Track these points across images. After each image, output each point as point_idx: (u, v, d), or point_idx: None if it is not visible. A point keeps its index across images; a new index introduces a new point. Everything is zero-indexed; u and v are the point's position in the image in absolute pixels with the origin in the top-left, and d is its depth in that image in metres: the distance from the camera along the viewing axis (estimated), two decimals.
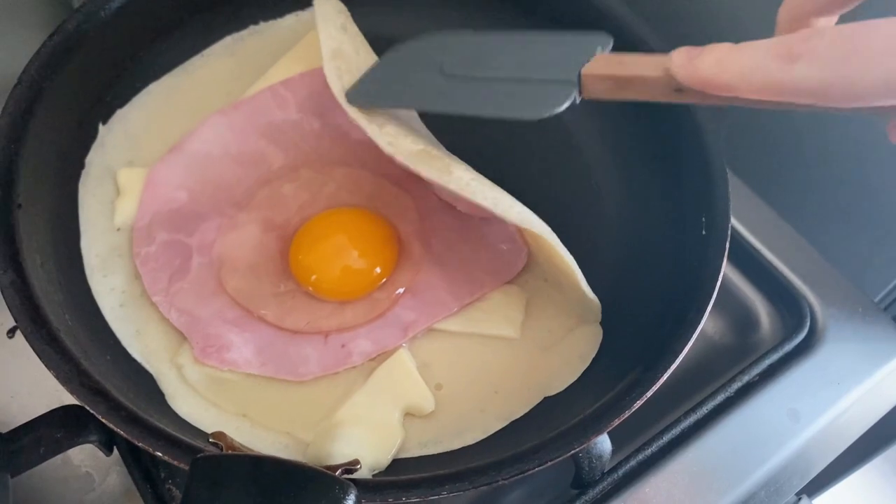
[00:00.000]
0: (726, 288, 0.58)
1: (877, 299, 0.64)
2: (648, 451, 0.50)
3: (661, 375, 0.40)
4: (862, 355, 0.56)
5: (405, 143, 0.44)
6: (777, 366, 0.54)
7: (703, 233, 0.45)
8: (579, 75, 0.37)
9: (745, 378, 0.53)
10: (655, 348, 0.42)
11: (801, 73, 0.26)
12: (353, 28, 0.53)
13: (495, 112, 0.41)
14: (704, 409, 0.52)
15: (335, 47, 0.49)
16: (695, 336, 0.41)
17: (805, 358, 0.55)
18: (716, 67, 0.29)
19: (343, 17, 0.52)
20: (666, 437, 0.51)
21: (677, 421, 0.51)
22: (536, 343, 0.47)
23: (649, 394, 0.39)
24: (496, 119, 0.40)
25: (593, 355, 0.46)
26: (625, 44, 0.39)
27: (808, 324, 0.56)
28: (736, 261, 0.59)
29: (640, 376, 0.41)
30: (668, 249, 0.47)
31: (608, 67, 0.37)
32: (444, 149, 0.49)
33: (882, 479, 0.66)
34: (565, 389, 0.46)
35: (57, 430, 0.41)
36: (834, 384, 0.55)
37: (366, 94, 0.46)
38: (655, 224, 0.49)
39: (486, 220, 0.50)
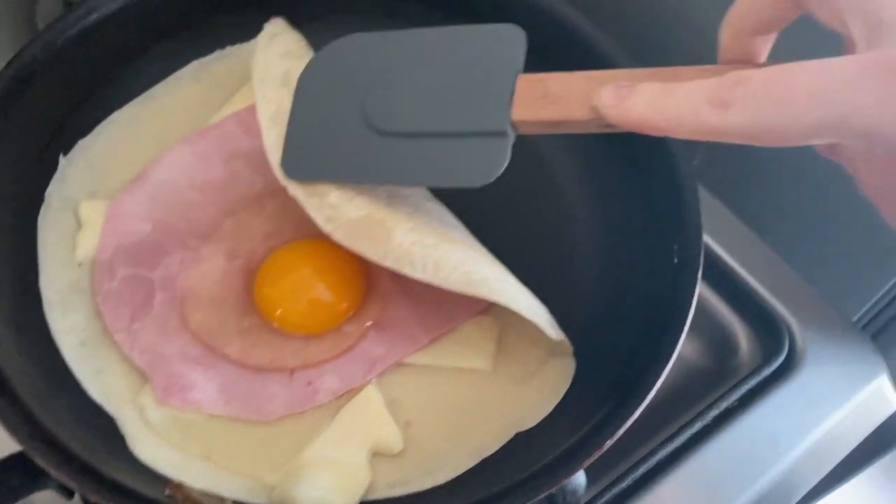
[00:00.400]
0: (704, 310, 0.57)
1: (855, 318, 0.64)
2: (624, 484, 0.49)
3: (634, 412, 0.39)
4: (842, 377, 0.55)
5: (347, 211, 0.42)
6: (756, 390, 0.54)
7: (675, 261, 0.44)
8: (510, 117, 0.36)
9: (724, 404, 0.52)
10: (628, 381, 0.41)
11: (733, 120, 0.26)
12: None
13: (431, 183, 0.39)
14: (682, 438, 0.51)
15: (272, 112, 0.45)
16: (667, 369, 0.40)
17: (784, 382, 0.54)
18: (647, 109, 0.29)
19: (290, 60, 0.48)
20: (642, 468, 0.50)
21: (654, 451, 0.50)
22: (509, 376, 0.46)
23: (621, 432, 0.39)
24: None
25: (566, 388, 0.45)
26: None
27: (786, 346, 0.55)
28: (713, 282, 0.58)
29: (612, 412, 0.40)
30: (641, 278, 0.46)
31: (535, 111, 0.35)
32: (400, 197, 0.45)
33: (875, 489, 0.65)
34: (538, 423, 0.44)
35: (15, 476, 0.39)
36: (814, 407, 0.54)
37: (298, 164, 0.43)
38: (628, 251, 0.48)
39: None
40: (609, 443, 0.38)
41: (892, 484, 0.65)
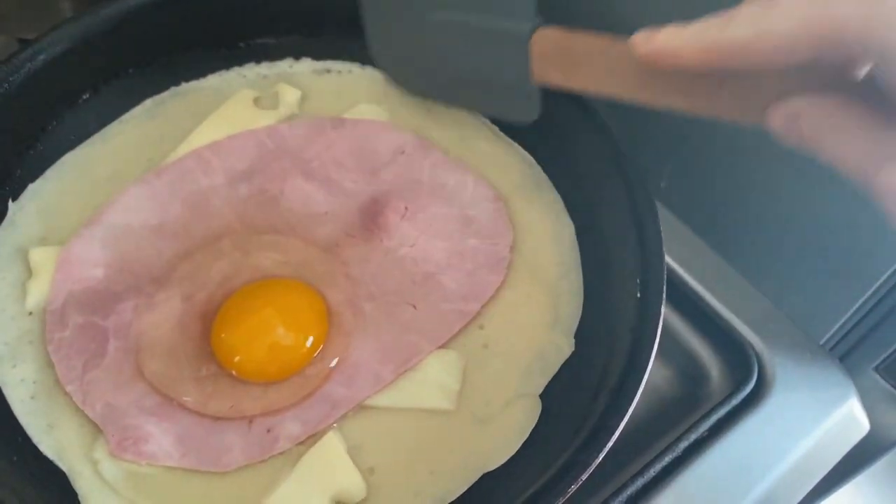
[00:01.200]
0: (673, 337, 0.57)
1: (822, 341, 0.64)
2: None
3: (596, 457, 0.38)
4: (812, 402, 0.55)
5: None
6: (726, 419, 0.53)
7: (638, 296, 0.44)
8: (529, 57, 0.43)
9: (694, 435, 0.51)
10: (592, 423, 0.40)
11: (733, 32, 0.30)
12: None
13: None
14: (653, 471, 0.50)
15: None
16: (630, 409, 0.39)
17: (755, 409, 0.53)
18: (668, 35, 0.33)
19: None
20: None
21: (625, 485, 0.49)
22: (473, 415, 0.45)
23: (584, 476, 0.38)
24: None
25: (531, 428, 0.44)
26: None
27: (756, 373, 0.54)
28: (680, 308, 0.57)
29: (576, 454, 0.39)
30: (604, 314, 0.46)
31: (563, 79, 0.42)
32: None
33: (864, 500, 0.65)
34: (503, 465, 0.44)
35: None
36: (786, 434, 0.53)
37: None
38: (591, 285, 0.48)
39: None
40: (573, 488, 0.37)
41: (868, 501, 0.66)
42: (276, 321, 0.46)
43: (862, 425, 0.55)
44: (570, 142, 0.50)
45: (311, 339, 0.46)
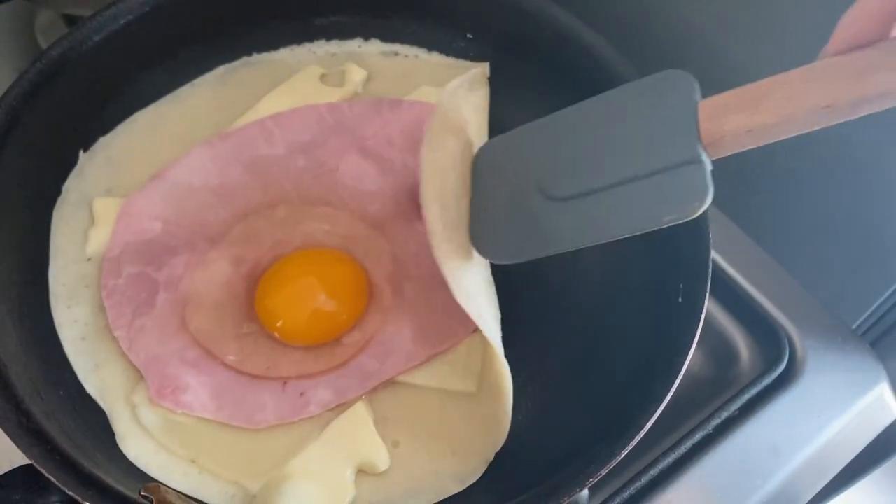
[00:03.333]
0: (705, 319, 0.56)
1: (854, 326, 0.62)
2: (626, 494, 0.49)
3: (622, 451, 0.38)
4: (842, 385, 0.54)
5: None
6: (757, 400, 0.53)
7: (680, 300, 0.43)
8: (700, 142, 0.34)
9: (725, 414, 0.52)
10: (621, 419, 0.40)
11: None
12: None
13: (630, 230, 0.36)
14: (684, 448, 0.51)
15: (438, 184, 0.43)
16: (660, 409, 0.39)
17: (785, 390, 0.53)
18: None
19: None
20: (644, 479, 0.50)
21: (656, 461, 0.50)
22: (495, 397, 0.45)
23: (610, 466, 0.38)
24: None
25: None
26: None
27: (787, 355, 0.54)
28: (713, 291, 0.56)
29: (601, 450, 0.39)
30: (643, 311, 0.46)
31: (745, 118, 0.33)
32: None
33: (878, 495, 0.63)
34: (524, 446, 0.44)
35: (15, 491, 0.39)
36: (815, 416, 0.53)
37: (485, 242, 0.43)
38: (632, 283, 0.47)
39: None
40: (592, 481, 0.37)
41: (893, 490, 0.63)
42: (319, 289, 0.47)
43: (891, 410, 0.55)
44: None
45: (350, 308, 0.47)
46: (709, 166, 0.34)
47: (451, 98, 0.45)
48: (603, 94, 0.39)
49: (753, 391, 0.52)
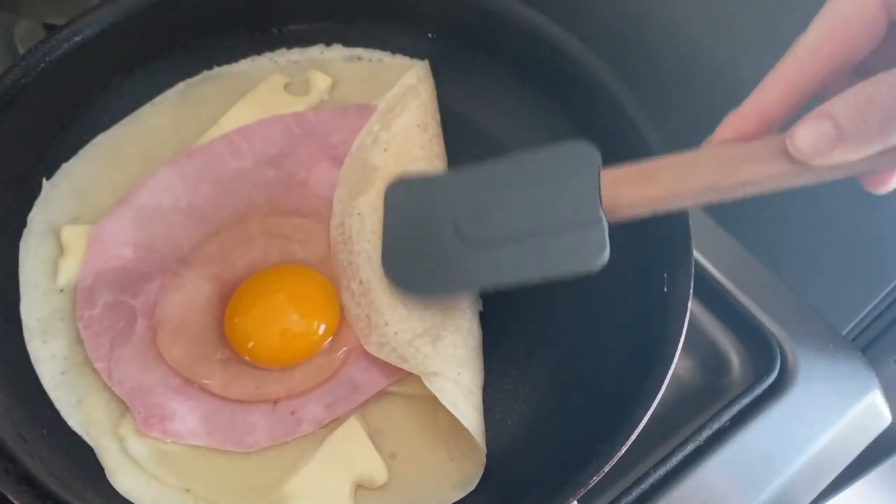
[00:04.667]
0: (695, 327, 0.57)
1: (845, 332, 0.63)
2: None
3: (619, 449, 0.38)
4: (834, 393, 0.55)
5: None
6: (748, 409, 0.53)
7: (665, 290, 0.43)
8: (601, 205, 0.39)
9: (716, 425, 0.52)
10: (614, 416, 0.40)
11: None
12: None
13: (538, 277, 0.41)
14: (674, 460, 0.51)
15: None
16: (653, 407, 0.39)
17: (777, 399, 0.54)
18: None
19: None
20: (636, 492, 0.50)
21: (647, 474, 0.50)
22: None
23: (606, 469, 0.38)
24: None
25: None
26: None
27: (778, 364, 0.54)
28: (703, 298, 0.57)
29: (597, 448, 0.39)
30: (629, 305, 0.46)
31: (640, 190, 0.38)
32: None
33: (877, 494, 0.64)
34: (520, 449, 0.44)
35: None
36: (807, 425, 0.53)
37: (397, 270, 0.45)
38: (618, 276, 0.47)
39: None
40: (594, 479, 0.37)
41: (890, 491, 0.65)
42: (289, 307, 0.46)
43: (884, 417, 0.55)
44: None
45: (322, 326, 0.46)
46: (606, 227, 0.39)
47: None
48: (521, 156, 0.43)
49: (745, 401, 0.52)
